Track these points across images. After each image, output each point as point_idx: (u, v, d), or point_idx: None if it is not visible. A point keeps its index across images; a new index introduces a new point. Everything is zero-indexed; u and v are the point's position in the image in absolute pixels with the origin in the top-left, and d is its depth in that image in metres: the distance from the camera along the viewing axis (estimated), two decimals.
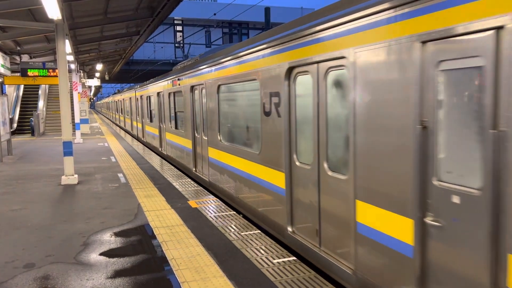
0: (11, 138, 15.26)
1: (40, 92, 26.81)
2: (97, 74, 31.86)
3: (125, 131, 27.62)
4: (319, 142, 4.71)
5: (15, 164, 13.17)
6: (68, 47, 12.82)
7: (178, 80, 11.60)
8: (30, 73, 15.70)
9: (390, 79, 3.47)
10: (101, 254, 5.16)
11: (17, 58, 17.07)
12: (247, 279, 4.34)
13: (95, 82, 30.36)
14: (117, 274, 4.55)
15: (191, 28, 42.67)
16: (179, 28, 45.86)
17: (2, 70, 14.17)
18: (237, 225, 6.17)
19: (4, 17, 10.77)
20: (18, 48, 16.48)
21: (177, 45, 43.66)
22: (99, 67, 25.67)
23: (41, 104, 26.13)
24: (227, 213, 6.84)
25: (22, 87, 26.45)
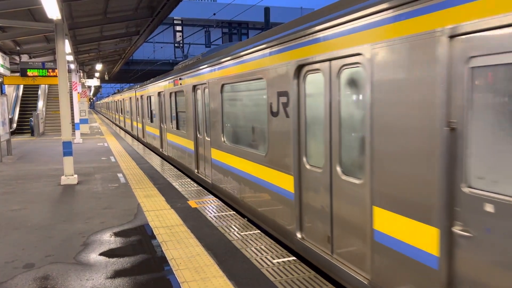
0: (10, 138, 15.25)
1: (39, 92, 26.81)
2: (97, 74, 31.84)
3: (125, 131, 27.59)
4: (331, 144, 4.45)
5: (14, 164, 13.16)
6: (67, 47, 12.82)
7: (179, 79, 11.42)
8: (29, 73, 15.71)
9: (412, 77, 3.23)
10: (101, 254, 5.15)
11: (17, 58, 17.06)
12: (247, 279, 4.34)
13: (94, 82, 30.36)
14: (117, 274, 4.55)
15: (190, 28, 42.67)
16: (178, 28, 45.86)
17: (1, 70, 14.16)
18: (237, 225, 6.17)
19: (4, 17, 10.76)
20: (18, 48, 16.47)
21: (176, 45, 43.67)
22: (98, 67, 25.67)
23: (40, 104, 26.12)
24: (226, 213, 6.84)
25: (21, 87, 26.44)
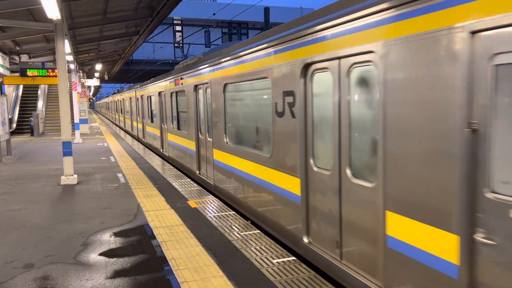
0: (10, 138, 15.24)
1: (39, 92, 26.81)
2: (97, 74, 31.84)
3: (125, 131, 27.57)
4: (340, 145, 4.27)
5: (14, 164, 13.16)
6: (67, 47, 12.82)
7: (180, 79, 11.26)
8: (29, 73, 15.70)
9: (430, 76, 3.06)
10: (100, 254, 5.15)
11: (16, 58, 17.06)
12: (247, 279, 4.34)
13: (94, 82, 30.37)
14: (117, 274, 4.55)
15: (190, 28, 42.68)
16: (178, 28, 45.89)
17: (1, 70, 14.16)
18: (236, 225, 6.17)
19: (3, 17, 10.76)
20: (17, 48, 16.47)
21: (176, 45, 43.68)
22: (98, 67, 25.66)
23: (40, 104, 26.12)
24: (226, 213, 6.84)
25: (21, 87, 26.44)
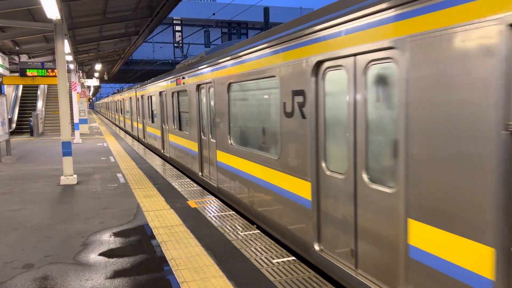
0: (10, 138, 15.24)
1: (39, 92, 26.80)
2: (96, 74, 31.85)
3: (125, 131, 27.55)
4: (356, 148, 4.02)
5: (14, 164, 13.15)
6: (67, 47, 12.81)
7: (182, 78, 11.04)
8: (29, 73, 15.70)
9: (460, 73, 2.82)
10: (100, 254, 5.15)
11: (16, 58, 17.06)
12: (247, 279, 4.34)
13: (94, 82, 30.38)
14: (117, 274, 4.55)
15: (190, 28, 42.73)
16: (178, 28, 45.91)
17: (0, 70, 14.16)
18: (236, 225, 6.17)
19: (3, 17, 10.76)
20: (17, 48, 16.48)
21: (176, 45, 43.70)
22: (98, 67, 25.67)
23: (40, 104, 26.12)
24: (226, 213, 6.84)
25: (21, 87, 26.43)
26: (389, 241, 3.63)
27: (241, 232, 5.81)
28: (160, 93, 14.30)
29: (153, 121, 16.45)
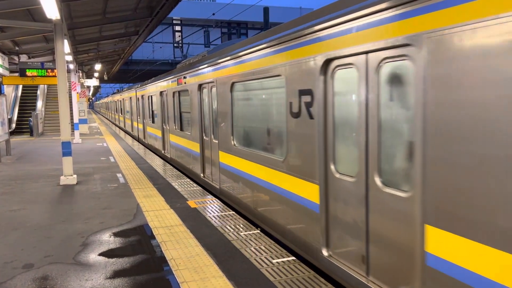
0: (9, 138, 15.24)
1: (38, 92, 26.80)
2: (96, 74, 31.86)
3: (125, 132, 27.52)
4: (367, 149, 3.85)
5: (14, 164, 13.15)
6: (66, 47, 12.82)
7: (183, 78, 10.87)
8: (28, 73, 15.69)
9: (488, 70, 2.63)
10: (100, 255, 5.15)
11: (16, 58, 17.06)
12: (247, 279, 4.34)
13: (93, 82, 30.39)
14: (116, 274, 4.55)
15: (189, 28, 42.74)
16: (178, 28, 45.91)
17: (0, 70, 14.16)
18: (236, 225, 6.17)
19: (3, 17, 10.76)
20: (17, 48, 16.47)
21: (176, 45, 43.70)
22: (97, 67, 25.67)
23: (39, 104, 26.12)
24: (226, 213, 6.84)
25: (20, 87, 26.42)
26: (404, 248, 3.46)
27: (241, 232, 5.81)
28: (161, 93, 14.19)
29: (153, 121, 16.32)
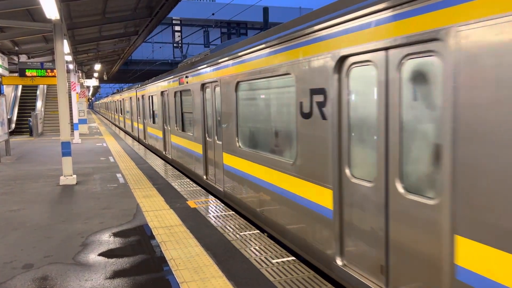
0: (9, 139, 15.23)
1: (38, 92, 26.80)
2: (96, 74, 31.85)
3: (125, 132, 27.48)
4: (387, 152, 3.61)
5: (13, 164, 13.14)
6: (66, 47, 12.82)
7: (185, 77, 10.62)
8: (28, 73, 15.65)
9: None
10: (100, 255, 5.15)
11: (15, 58, 17.05)
12: (246, 279, 4.34)
13: (93, 82, 30.38)
14: (116, 274, 4.55)
15: (189, 28, 42.74)
16: (177, 28, 45.91)
17: (0, 70, 14.15)
18: (236, 225, 6.17)
19: (2, 17, 10.75)
20: (16, 48, 16.46)
21: (175, 45, 43.70)
22: (97, 67, 25.67)
23: (39, 104, 26.12)
24: (226, 213, 6.84)
25: (20, 87, 26.41)
26: (430, 259, 3.20)
27: (241, 232, 5.82)
28: (162, 92, 14.03)
29: (154, 122, 16.17)
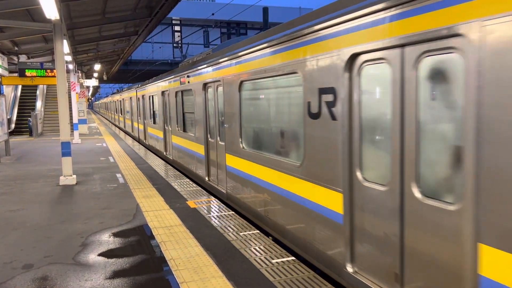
0: (9, 139, 15.23)
1: (38, 92, 26.80)
2: (95, 74, 31.85)
3: (125, 132, 27.44)
4: (402, 154, 3.45)
5: (13, 164, 13.14)
6: (66, 47, 12.82)
7: (187, 77, 10.48)
8: (28, 73, 15.64)
9: None
10: (99, 255, 5.15)
11: (15, 58, 17.04)
12: (246, 279, 4.34)
13: (93, 82, 30.39)
14: (116, 274, 4.55)
15: (189, 28, 42.75)
16: (177, 28, 45.90)
17: (0, 70, 14.15)
18: (235, 225, 6.17)
19: (2, 17, 10.75)
20: (16, 49, 16.46)
21: (175, 45, 43.70)
22: (97, 67, 25.67)
23: (39, 104, 26.11)
24: (225, 213, 6.84)
25: (20, 87, 26.40)
26: (450, 268, 3.05)
27: (241, 232, 5.82)
28: (163, 92, 13.92)
29: (154, 122, 16.06)
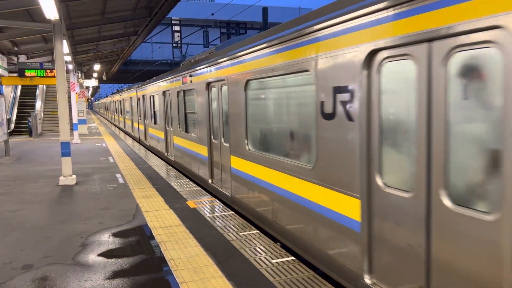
0: (8, 139, 15.23)
1: (37, 92, 26.80)
2: (95, 75, 31.83)
3: (125, 132, 27.39)
4: (429, 159, 3.19)
5: (13, 164, 13.14)
6: (65, 47, 12.81)
7: (189, 76, 10.23)
8: (27, 73, 15.63)
9: None
10: (99, 255, 5.15)
11: (15, 58, 17.03)
12: (246, 279, 4.34)
13: (93, 83, 30.39)
14: (116, 275, 4.54)
15: (189, 28, 42.73)
16: (177, 28, 45.90)
17: None
18: (235, 225, 6.17)
19: (1, 18, 10.74)
20: (16, 49, 16.44)
21: (175, 45, 43.70)
22: (97, 67, 25.66)
23: (38, 104, 26.11)
24: (225, 213, 6.84)
25: (19, 87, 26.41)
26: (484, 285, 2.85)
27: (240, 232, 5.81)
28: (164, 92, 13.72)
29: (155, 122, 15.87)
